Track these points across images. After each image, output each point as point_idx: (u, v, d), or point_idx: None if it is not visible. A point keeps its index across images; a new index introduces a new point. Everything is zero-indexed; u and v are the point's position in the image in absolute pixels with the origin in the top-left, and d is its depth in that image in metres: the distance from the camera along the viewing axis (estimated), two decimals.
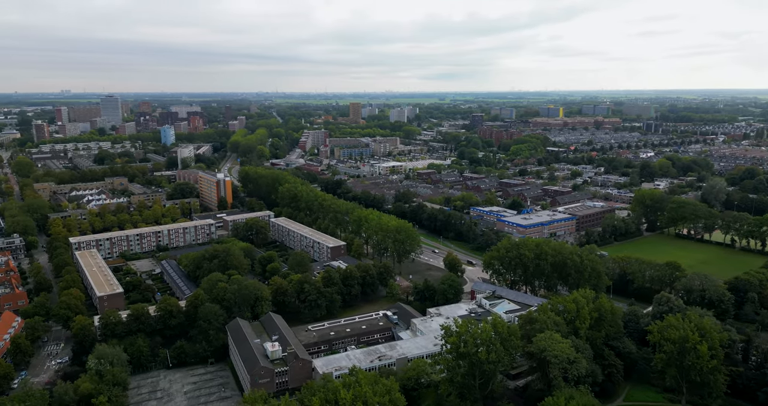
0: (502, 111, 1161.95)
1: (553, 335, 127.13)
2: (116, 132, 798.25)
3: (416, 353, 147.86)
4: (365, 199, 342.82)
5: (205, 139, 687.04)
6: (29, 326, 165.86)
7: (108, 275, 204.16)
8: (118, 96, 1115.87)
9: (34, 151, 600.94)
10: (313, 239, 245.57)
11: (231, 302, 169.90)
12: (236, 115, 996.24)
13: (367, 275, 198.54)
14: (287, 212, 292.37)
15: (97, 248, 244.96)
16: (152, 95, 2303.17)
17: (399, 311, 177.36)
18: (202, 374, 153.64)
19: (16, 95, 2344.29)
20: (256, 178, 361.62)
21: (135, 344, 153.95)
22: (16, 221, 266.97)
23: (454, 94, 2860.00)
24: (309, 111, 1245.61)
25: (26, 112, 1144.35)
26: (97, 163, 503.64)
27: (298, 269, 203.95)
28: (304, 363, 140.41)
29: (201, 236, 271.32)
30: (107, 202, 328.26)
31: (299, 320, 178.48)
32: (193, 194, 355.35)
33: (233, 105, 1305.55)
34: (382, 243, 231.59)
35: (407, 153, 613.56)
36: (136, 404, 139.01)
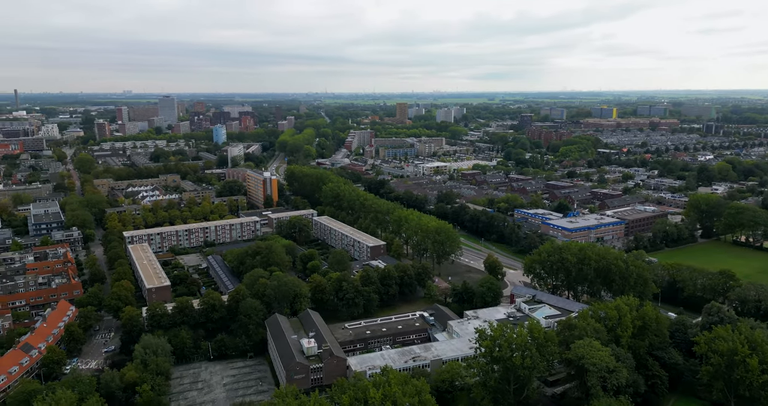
0: (553, 111, 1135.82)
1: (592, 343, 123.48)
2: (172, 131, 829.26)
3: (451, 355, 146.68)
4: (407, 199, 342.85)
5: (254, 139, 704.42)
6: (82, 315, 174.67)
7: (157, 269, 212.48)
8: (174, 96, 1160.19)
9: (96, 148, 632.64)
10: (354, 237, 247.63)
11: (271, 297, 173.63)
12: (286, 115, 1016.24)
13: (405, 275, 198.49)
14: (330, 211, 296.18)
15: (149, 242, 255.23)
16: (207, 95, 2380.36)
17: (436, 313, 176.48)
18: (241, 368, 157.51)
19: (81, 95, 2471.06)
20: (301, 177, 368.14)
21: (179, 335, 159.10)
22: (76, 215, 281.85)
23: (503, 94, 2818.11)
24: (356, 111, 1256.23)
25: (90, 112, 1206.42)
26: (153, 161, 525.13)
27: (338, 267, 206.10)
28: (338, 361, 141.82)
29: (246, 232, 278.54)
30: (160, 198, 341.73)
31: (337, 317, 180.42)
32: (241, 192, 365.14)
33: (283, 105, 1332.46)
34: (422, 244, 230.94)
35: (452, 153, 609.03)
36: (178, 394, 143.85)
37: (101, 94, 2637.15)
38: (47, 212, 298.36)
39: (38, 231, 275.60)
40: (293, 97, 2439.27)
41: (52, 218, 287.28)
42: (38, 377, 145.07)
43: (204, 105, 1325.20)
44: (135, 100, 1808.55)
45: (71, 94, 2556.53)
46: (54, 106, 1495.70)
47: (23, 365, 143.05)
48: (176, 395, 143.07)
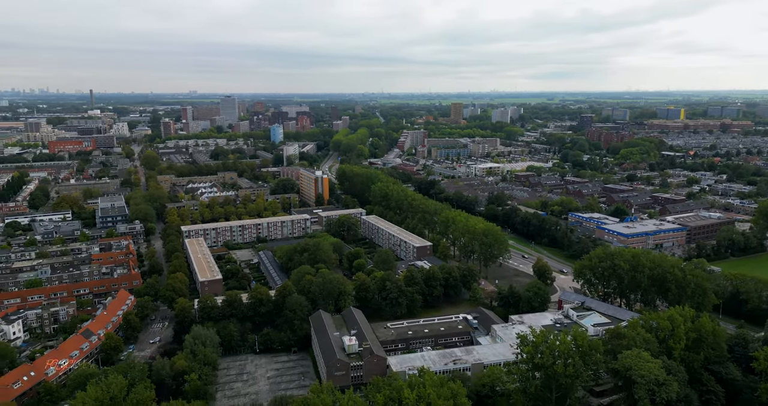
0: (615, 112, 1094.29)
1: (641, 354, 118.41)
2: (232, 130, 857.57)
3: (493, 359, 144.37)
4: (457, 200, 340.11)
5: (310, 138, 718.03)
6: (140, 305, 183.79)
7: (210, 262, 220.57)
8: (236, 96, 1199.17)
9: (161, 146, 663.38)
10: (401, 237, 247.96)
11: (316, 294, 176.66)
12: (341, 115, 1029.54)
13: (450, 277, 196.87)
14: (378, 211, 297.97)
15: (204, 237, 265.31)
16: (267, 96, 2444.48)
17: (480, 316, 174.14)
18: (285, 362, 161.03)
19: (151, 95, 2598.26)
20: (351, 176, 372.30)
21: (227, 327, 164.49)
22: (139, 209, 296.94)
23: (563, 93, 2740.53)
24: (411, 111, 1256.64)
25: (158, 111, 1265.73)
26: (213, 159, 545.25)
27: (383, 267, 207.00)
28: (378, 359, 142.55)
29: (297, 229, 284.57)
30: (217, 194, 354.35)
31: (380, 316, 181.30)
32: (294, 190, 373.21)
33: (339, 105, 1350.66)
34: (469, 245, 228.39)
35: (506, 154, 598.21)
36: (224, 384, 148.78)
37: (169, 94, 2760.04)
38: (113, 205, 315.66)
39: (104, 224, 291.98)
40: (349, 97, 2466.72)
41: (118, 211, 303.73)
42: (97, 361, 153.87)
43: (263, 105, 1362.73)
44: (200, 100, 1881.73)
45: (142, 94, 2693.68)
46: (126, 105, 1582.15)
47: (83, 350, 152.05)
48: (222, 385, 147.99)
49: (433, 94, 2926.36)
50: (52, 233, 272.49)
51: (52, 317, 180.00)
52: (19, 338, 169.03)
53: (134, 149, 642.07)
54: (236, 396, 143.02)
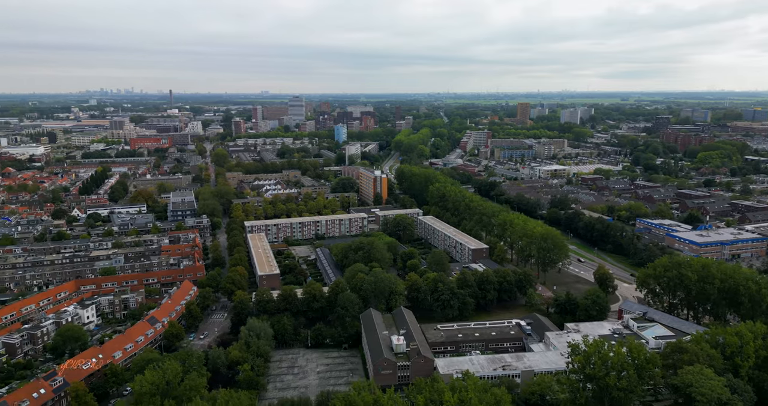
0: (694, 113, 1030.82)
1: (703, 370, 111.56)
2: (298, 129, 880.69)
3: (544, 367, 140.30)
4: (518, 202, 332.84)
5: (372, 138, 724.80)
6: (202, 296, 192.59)
7: (270, 257, 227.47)
8: (303, 97, 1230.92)
9: (231, 144, 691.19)
10: (456, 239, 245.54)
11: (368, 292, 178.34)
12: (405, 115, 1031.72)
13: (504, 281, 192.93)
14: (435, 211, 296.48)
15: (266, 233, 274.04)
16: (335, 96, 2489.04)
17: (534, 322, 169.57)
18: (335, 358, 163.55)
19: (225, 95, 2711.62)
20: (410, 176, 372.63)
21: (281, 321, 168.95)
22: (207, 204, 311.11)
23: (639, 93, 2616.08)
24: (476, 111, 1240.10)
25: (230, 111, 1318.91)
26: (279, 157, 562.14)
27: (436, 268, 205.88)
28: (426, 361, 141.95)
29: (354, 228, 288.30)
30: (281, 192, 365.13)
31: (431, 318, 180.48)
32: (354, 189, 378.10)
33: (404, 105, 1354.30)
34: (527, 249, 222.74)
35: (574, 156, 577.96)
36: (276, 376, 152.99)
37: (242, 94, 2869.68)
38: (184, 200, 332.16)
39: (175, 217, 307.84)
40: (415, 97, 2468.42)
41: (187, 206, 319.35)
42: (159, 348, 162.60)
43: (330, 105, 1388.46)
44: (270, 100, 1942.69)
45: (217, 95, 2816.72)
46: (201, 104, 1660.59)
47: (148, 336, 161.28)
48: (274, 377, 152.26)
49: (500, 93, 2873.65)
50: (127, 224, 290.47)
51: (122, 303, 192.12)
52: (92, 322, 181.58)
53: (206, 147, 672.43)
54: (286, 389, 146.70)
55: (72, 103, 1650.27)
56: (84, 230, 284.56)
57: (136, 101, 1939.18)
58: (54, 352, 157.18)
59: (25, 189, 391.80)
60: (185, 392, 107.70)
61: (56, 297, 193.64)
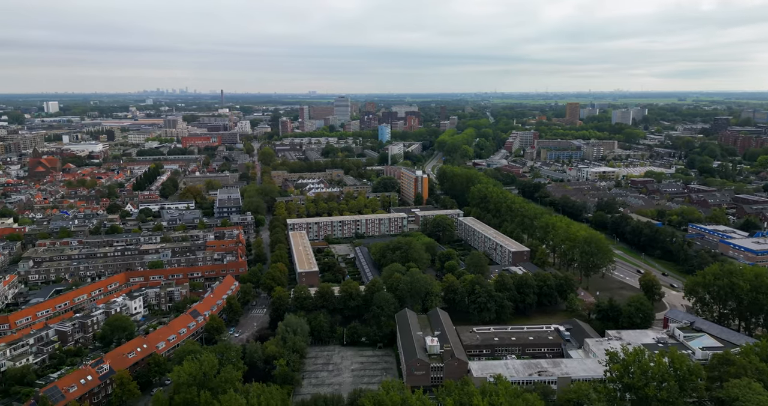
0: (756, 114, 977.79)
1: (751, 384, 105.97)
2: (343, 129, 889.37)
3: (582, 375, 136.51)
4: (563, 205, 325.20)
5: (416, 138, 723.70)
6: (243, 291, 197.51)
7: (310, 255, 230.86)
8: (349, 97, 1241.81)
9: (278, 143, 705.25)
10: (496, 241, 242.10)
11: (404, 292, 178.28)
12: (450, 115, 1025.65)
13: (544, 285, 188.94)
14: (476, 212, 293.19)
15: (307, 230, 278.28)
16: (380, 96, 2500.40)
17: (573, 328, 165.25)
18: (370, 356, 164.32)
19: (274, 95, 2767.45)
20: (451, 176, 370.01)
21: (318, 318, 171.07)
22: (252, 202, 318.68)
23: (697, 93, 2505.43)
24: (523, 111, 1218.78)
25: (278, 110, 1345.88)
26: (323, 156, 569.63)
27: (474, 270, 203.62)
28: (459, 363, 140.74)
29: (394, 227, 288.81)
30: (323, 190, 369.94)
31: (467, 320, 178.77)
32: (395, 189, 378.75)
33: (449, 105, 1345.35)
34: (569, 253, 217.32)
35: (624, 158, 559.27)
36: (311, 372, 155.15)
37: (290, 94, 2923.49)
38: (230, 197, 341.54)
39: (221, 213, 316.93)
40: (461, 96, 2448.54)
41: (233, 203, 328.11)
42: (200, 340, 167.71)
43: (375, 105, 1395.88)
44: (317, 100, 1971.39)
45: (266, 94, 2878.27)
46: (251, 104, 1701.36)
47: (190, 328, 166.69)
48: (309, 373, 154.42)
49: (550, 93, 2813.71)
50: (176, 220, 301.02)
51: (168, 296, 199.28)
52: (140, 312, 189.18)
53: (254, 146, 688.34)
54: (321, 385, 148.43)
55: (130, 103, 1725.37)
56: (135, 224, 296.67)
57: (189, 101, 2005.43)
58: (102, 340, 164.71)
59: (83, 184, 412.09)
60: (220, 384, 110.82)
61: (107, 288, 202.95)
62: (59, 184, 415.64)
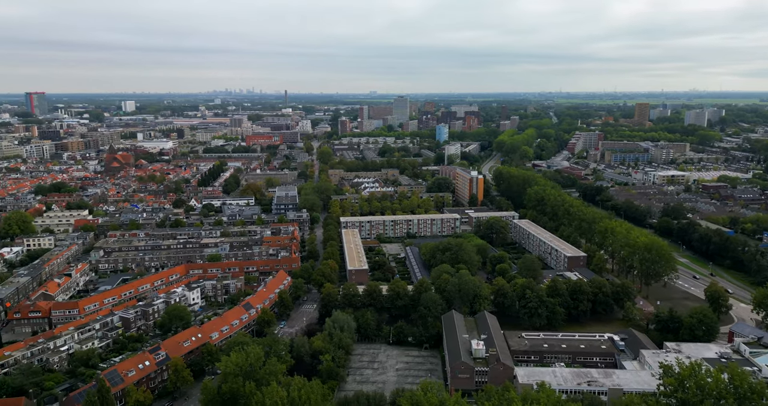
0: None
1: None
2: (401, 129, 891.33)
3: (635, 387, 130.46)
4: (626, 209, 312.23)
5: (474, 138, 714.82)
6: (294, 286, 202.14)
7: (360, 253, 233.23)
8: (408, 97, 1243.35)
9: (336, 142, 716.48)
10: (552, 245, 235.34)
11: (452, 294, 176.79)
12: (510, 115, 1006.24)
13: (600, 292, 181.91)
14: (532, 215, 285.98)
15: (359, 229, 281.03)
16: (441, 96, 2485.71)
17: (629, 338, 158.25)
18: (415, 357, 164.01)
19: (336, 95, 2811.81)
20: (508, 177, 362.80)
21: (365, 316, 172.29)
22: (308, 199, 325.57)
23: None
24: (589, 111, 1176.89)
25: (339, 110, 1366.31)
26: (379, 156, 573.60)
27: (526, 274, 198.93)
28: (505, 368, 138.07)
29: (446, 228, 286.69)
30: (377, 190, 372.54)
31: (516, 325, 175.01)
32: (449, 189, 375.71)
33: (511, 105, 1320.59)
34: (628, 260, 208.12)
35: (696, 162, 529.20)
36: (356, 369, 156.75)
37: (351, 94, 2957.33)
38: (287, 194, 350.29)
39: (278, 210, 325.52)
40: (524, 96, 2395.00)
41: (290, 200, 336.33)
42: (252, 332, 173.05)
43: (434, 105, 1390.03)
44: (377, 99, 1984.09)
45: (328, 95, 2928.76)
46: (313, 104, 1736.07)
47: (242, 321, 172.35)
48: (354, 369, 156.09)
49: (618, 93, 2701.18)
50: (236, 215, 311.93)
51: (224, 288, 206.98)
52: (197, 303, 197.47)
53: (314, 145, 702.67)
54: (365, 382, 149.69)
55: (200, 102, 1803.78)
56: (198, 218, 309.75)
57: (255, 101, 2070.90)
58: (162, 328, 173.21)
59: (153, 180, 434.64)
60: (265, 376, 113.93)
61: (168, 279, 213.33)
62: (131, 179, 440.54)
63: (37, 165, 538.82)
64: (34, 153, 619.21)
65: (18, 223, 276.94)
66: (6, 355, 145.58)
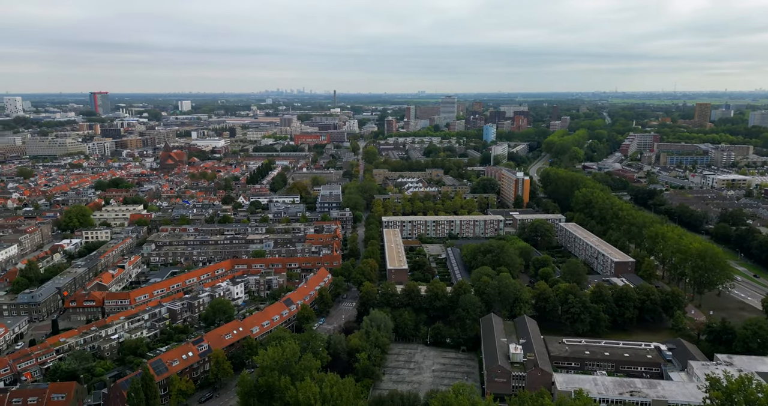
0: None
1: None
2: (448, 129, 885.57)
3: (681, 400, 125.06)
4: (680, 214, 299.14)
5: (523, 138, 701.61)
6: (334, 283, 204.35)
7: (401, 253, 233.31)
8: (456, 96, 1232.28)
9: (382, 142, 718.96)
10: (599, 249, 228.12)
11: (491, 296, 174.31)
12: (562, 115, 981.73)
13: (647, 299, 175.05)
14: (579, 218, 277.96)
15: (401, 229, 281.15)
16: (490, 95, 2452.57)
17: (677, 348, 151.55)
18: (452, 358, 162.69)
19: (384, 95, 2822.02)
20: (555, 179, 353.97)
21: (403, 315, 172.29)
22: (351, 198, 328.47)
23: None
24: (645, 112, 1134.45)
25: (386, 110, 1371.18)
26: (425, 156, 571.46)
27: (570, 278, 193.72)
28: (543, 374, 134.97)
29: (489, 230, 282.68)
30: (420, 190, 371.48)
31: (558, 330, 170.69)
32: (494, 190, 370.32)
33: (563, 105, 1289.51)
34: (679, 267, 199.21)
35: (759, 165, 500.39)
36: (392, 368, 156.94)
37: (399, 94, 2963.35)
38: (331, 193, 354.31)
39: (322, 208, 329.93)
40: (577, 96, 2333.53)
41: (334, 199, 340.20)
42: (292, 328, 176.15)
43: (482, 104, 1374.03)
44: (425, 99, 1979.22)
45: (376, 95, 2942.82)
46: (361, 104, 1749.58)
47: (283, 316, 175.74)
48: (390, 369, 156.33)
49: (678, 93, 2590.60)
50: (281, 212, 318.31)
51: (266, 284, 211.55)
52: (241, 298, 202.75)
53: (360, 144, 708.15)
54: (401, 382, 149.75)
55: (252, 102, 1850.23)
56: (245, 215, 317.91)
57: (305, 101, 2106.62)
58: (206, 321, 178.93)
59: (204, 177, 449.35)
60: (300, 371, 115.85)
61: (214, 273, 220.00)
62: (184, 176, 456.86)
63: (98, 161, 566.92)
64: (96, 150, 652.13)
65: (78, 216, 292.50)
66: (61, 341, 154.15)
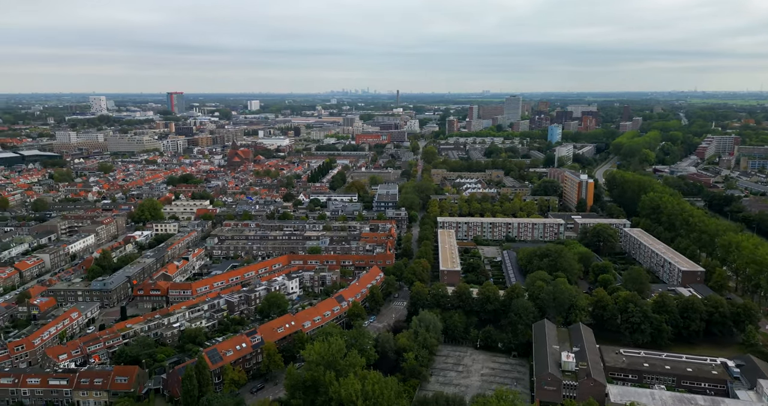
0: None
1: None
2: (511, 129, 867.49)
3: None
4: (759, 222, 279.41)
5: (590, 139, 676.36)
6: (386, 282, 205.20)
7: (454, 254, 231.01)
8: (521, 96, 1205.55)
9: (442, 142, 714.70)
10: (665, 257, 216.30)
11: (546, 302, 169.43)
12: (633, 115, 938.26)
13: (716, 312, 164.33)
14: (645, 224, 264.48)
15: (456, 230, 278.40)
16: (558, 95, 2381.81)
17: (746, 365, 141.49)
18: (503, 363, 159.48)
19: (447, 95, 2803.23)
20: (621, 182, 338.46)
21: (453, 317, 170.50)
22: (407, 198, 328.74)
23: None
24: (726, 112, 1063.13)
25: (449, 110, 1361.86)
26: (485, 156, 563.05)
27: (631, 286, 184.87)
28: (596, 384, 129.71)
29: (548, 233, 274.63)
30: (479, 190, 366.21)
31: (616, 340, 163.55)
32: (556, 193, 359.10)
33: (636, 105, 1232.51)
34: (754, 278, 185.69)
35: None
36: (440, 370, 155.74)
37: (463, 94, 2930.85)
38: (388, 192, 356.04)
39: (378, 207, 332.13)
40: (652, 96, 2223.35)
41: (390, 198, 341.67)
42: (342, 324, 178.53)
43: (548, 104, 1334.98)
44: (490, 99, 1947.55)
45: (440, 94, 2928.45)
46: (424, 104, 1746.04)
47: (334, 312, 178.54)
48: (438, 370, 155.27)
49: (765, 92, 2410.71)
50: (338, 210, 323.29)
51: (320, 280, 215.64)
52: (295, 292, 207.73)
53: (420, 144, 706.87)
54: (448, 384, 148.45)
55: (318, 102, 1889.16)
56: (304, 212, 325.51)
57: (369, 101, 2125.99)
58: (261, 314, 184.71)
59: (268, 174, 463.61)
60: (345, 367, 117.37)
61: (271, 267, 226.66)
62: (249, 173, 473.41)
63: (171, 158, 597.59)
64: (169, 147, 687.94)
65: (149, 209, 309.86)
66: (128, 327, 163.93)
